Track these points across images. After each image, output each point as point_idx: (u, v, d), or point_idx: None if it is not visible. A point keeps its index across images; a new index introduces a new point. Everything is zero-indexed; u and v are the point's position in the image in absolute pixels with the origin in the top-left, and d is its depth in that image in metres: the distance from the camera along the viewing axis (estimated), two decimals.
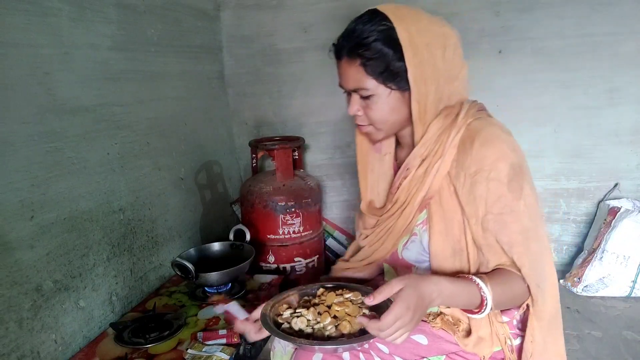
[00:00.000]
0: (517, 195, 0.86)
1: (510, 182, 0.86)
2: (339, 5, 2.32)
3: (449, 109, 0.93)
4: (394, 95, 0.91)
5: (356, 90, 0.92)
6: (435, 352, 0.97)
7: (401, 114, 0.93)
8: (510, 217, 0.86)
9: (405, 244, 0.99)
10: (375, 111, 0.92)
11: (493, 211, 0.86)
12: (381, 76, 0.88)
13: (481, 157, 0.86)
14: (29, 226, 1.26)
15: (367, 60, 0.87)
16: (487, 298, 0.82)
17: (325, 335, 0.90)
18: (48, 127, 1.33)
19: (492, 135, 0.88)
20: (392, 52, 0.87)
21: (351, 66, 0.90)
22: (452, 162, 0.90)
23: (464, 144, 0.89)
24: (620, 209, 2.11)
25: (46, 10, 1.32)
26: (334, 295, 1.00)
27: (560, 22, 2.12)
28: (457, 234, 0.91)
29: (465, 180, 0.88)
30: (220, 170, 2.44)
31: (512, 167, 0.86)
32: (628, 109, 2.16)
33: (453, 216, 0.91)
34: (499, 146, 0.87)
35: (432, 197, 0.94)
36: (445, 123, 0.91)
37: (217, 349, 1.33)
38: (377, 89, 0.90)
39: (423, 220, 0.96)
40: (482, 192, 0.86)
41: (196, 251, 1.80)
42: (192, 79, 2.22)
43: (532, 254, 0.87)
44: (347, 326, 0.90)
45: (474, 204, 0.87)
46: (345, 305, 0.96)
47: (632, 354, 1.69)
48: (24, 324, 1.24)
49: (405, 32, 0.86)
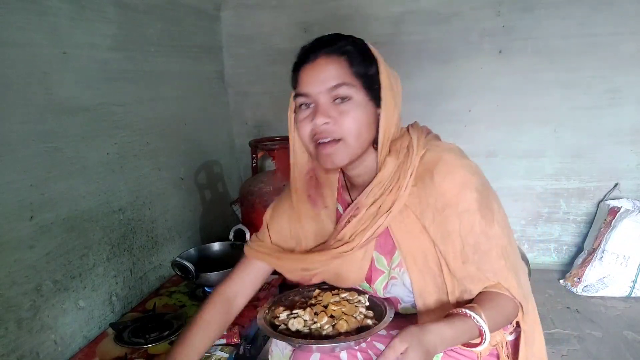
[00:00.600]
0: (490, 219, 0.85)
1: (481, 208, 0.84)
2: (339, 5, 2.31)
3: (397, 143, 0.89)
4: (369, 107, 0.86)
5: (334, 89, 0.84)
6: None
7: (370, 133, 0.87)
8: (488, 245, 0.84)
9: (385, 287, 0.98)
10: (352, 118, 0.83)
11: (469, 243, 0.84)
12: (363, 79, 0.84)
13: (444, 191, 0.84)
14: (28, 226, 1.26)
15: (354, 60, 0.84)
16: (485, 331, 0.79)
17: (323, 335, 0.90)
18: (47, 127, 1.33)
19: (449, 164, 0.85)
20: (370, 65, 0.86)
21: (333, 62, 0.84)
22: (414, 200, 0.87)
23: (422, 180, 0.86)
24: (620, 209, 2.11)
25: (45, 10, 1.32)
26: (330, 295, 1.00)
27: (561, 22, 2.12)
28: (434, 269, 0.89)
29: (434, 216, 0.85)
30: (220, 170, 2.44)
31: (478, 192, 0.84)
32: (628, 109, 2.16)
33: (427, 252, 0.89)
34: (460, 174, 0.84)
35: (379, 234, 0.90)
36: (399, 160, 0.88)
37: (217, 349, 1.33)
38: (358, 93, 0.84)
39: (398, 262, 0.93)
40: (455, 226, 0.84)
41: (196, 251, 1.80)
42: (192, 79, 2.21)
43: (515, 270, 0.86)
44: (344, 325, 0.90)
45: (449, 240, 0.85)
46: (341, 304, 0.96)
47: (633, 353, 1.69)
48: (23, 324, 1.24)
49: (377, 53, 0.87)
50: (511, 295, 0.85)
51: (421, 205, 0.86)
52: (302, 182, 1.02)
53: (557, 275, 2.28)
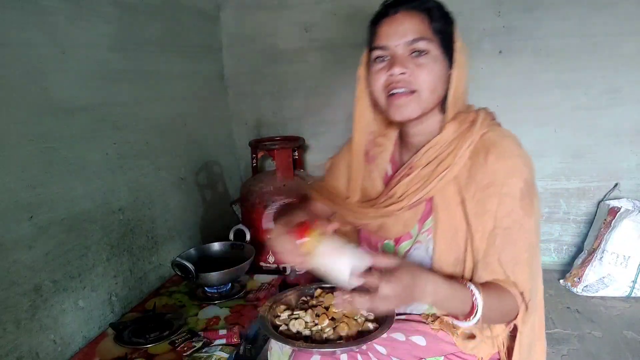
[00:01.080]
0: (529, 212, 0.85)
1: (523, 199, 0.85)
2: (339, 5, 2.31)
3: (463, 115, 0.91)
4: (444, 64, 0.89)
5: (413, 42, 0.85)
6: (434, 353, 0.97)
7: (442, 90, 0.90)
8: (519, 234, 0.85)
9: (408, 250, 0.98)
10: (428, 71, 0.86)
11: (502, 225, 0.85)
12: (442, 35, 0.87)
13: (494, 171, 0.85)
14: (27, 226, 1.26)
15: (435, 18, 0.87)
16: (478, 307, 0.80)
17: (323, 338, 0.90)
18: (45, 127, 1.33)
19: (507, 149, 0.87)
20: (450, 26, 0.89)
21: (413, 16, 0.86)
22: (464, 172, 0.89)
23: (477, 155, 0.87)
24: (620, 209, 2.11)
25: (43, 9, 1.32)
26: (332, 297, 1.00)
27: (562, 23, 2.12)
28: (461, 244, 0.90)
29: (475, 192, 0.86)
30: (220, 170, 2.44)
31: (525, 183, 0.85)
32: (628, 109, 2.16)
33: (459, 226, 0.90)
34: (514, 161, 0.85)
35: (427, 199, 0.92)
36: (461, 129, 0.89)
37: (217, 349, 1.33)
38: (435, 48, 0.87)
39: (428, 228, 0.94)
40: (492, 206, 0.85)
41: (196, 251, 1.80)
42: (192, 79, 2.21)
43: (532, 269, 0.87)
44: (345, 328, 0.90)
45: (482, 218, 0.86)
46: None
47: (633, 353, 1.68)
48: (22, 325, 1.24)
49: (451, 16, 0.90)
50: (517, 290, 0.85)
51: (468, 179, 0.88)
52: (363, 139, 1.05)
53: (557, 275, 2.28)
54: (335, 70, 2.40)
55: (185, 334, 1.41)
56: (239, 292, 1.71)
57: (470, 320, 0.81)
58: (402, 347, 0.95)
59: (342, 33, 2.34)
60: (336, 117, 2.47)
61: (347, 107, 2.74)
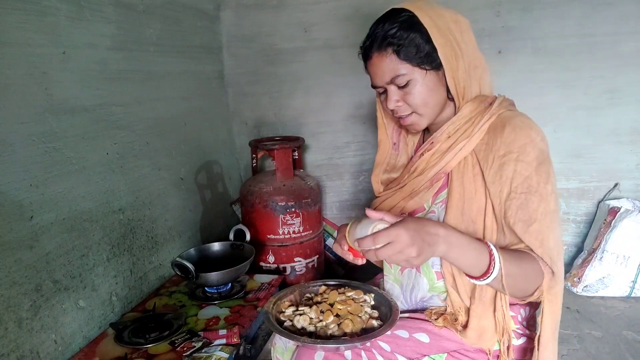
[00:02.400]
0: (545, 179, 0.89)
1: (539, 166, 0.89)
2: (339, 5, 2.31)
3: (482, 97, 0.97)
4: (429, 75, 0.94)
5: (393, 81, 0.95)
6: (437, 350, 0.97)
7: (439, 94, 0.96)
8: (535, 197, 0.88)
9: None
10: (415, 95, 0.94)
11: (517, 190, 0.88)
12: (414, 59, 0.92)
13: (511, 141, 0.89)
14: (28, 226, 1.26)
15: (397, 47, 0.91)
16: (495, 262, 0.80)
17: (328, 334, 0.90)
18: (46, 127, 1.33)
19: (523, 122, 0.91)
20: (418, 35, 0.91)
21: (383, 58, 0.94)
22: (482, 146, 0.93)
23: (494, 129, 0.92)
24: (620, 209, 2.11)
25: (44, 9, 1.32)
26: (337, 294, 1.00)
27: (561, 22, 2.12)
28: (473, 215, 0.93)
29: (493, 162, 0.91)
30: (220, 170, 2.44)
31: (541, 153, 0.90)
32: (628, 109, 2.16)
33: (472, 197, 0.94)
34: (529, 132, 0.90)
35: (446, 172, 0.98)
36: (480, 108, 0.95)
37: (217, 349, 1.33)
38: (413, 73, 0.93)
39: (442, 199, 0.98)
40: (509, 172, 0.89)
41: (196, 251, 1.80)
42: (192, 79, 2.21)
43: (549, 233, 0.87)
44: (350, 325, 0.90)
45: (499, 184, 0.90)
46: (347, 303, 0.96)
47: (633, 353, 1.69)
48: (23, 324, 1.24)
49: (426, 17, 0.92)
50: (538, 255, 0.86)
51: (486, 151, 0.93)
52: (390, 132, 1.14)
53: None
54: (335, 70, 2.40)
55: (185, 334, 1.41)
56: (239, 292, 1.71)
57: (488, 277, 0.81)
58: (406, 344, 0.96)
59: (341, 33, 2.34)
60: (336, 117, 2.47)
61: (346, 107, 2.75)
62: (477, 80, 0.98)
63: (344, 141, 2.52)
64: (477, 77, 0.97)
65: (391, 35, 0.91)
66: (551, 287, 0.88)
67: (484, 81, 0.99)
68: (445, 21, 0.94)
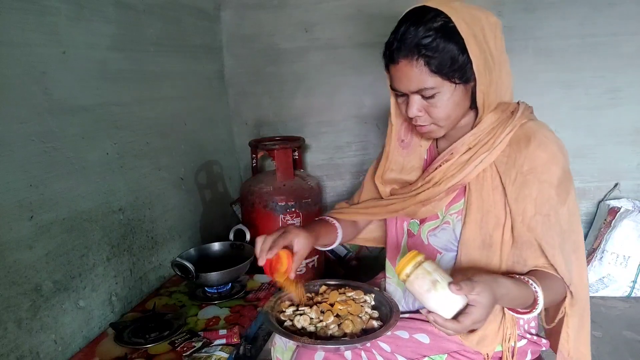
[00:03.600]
0: (563, 200, 0.89)
1: (559, 186, 0.88)
2: (340, 5, 2.31)
3: (504, 105, 0.93)
4: (458, 89, 0.88)
5: (419, 92, 0.88)
6: (437, 350, 0.97)
7: (464, 107, 0.92)
8: (554, 219, 0.88)
9: (433, 230, 0.99)
10: (440, 109, 0.89)
11: (542, 212, 0.88)
12: (447, 72, 0.85)
13: (535, 157, 0.88)
14: (27, 226, 1.26)
15: (431, 58, 0.84)
16: (539, 302, 0.84)
17: (328, 334, 0.90)
18: (46, 127, 1.32)
19: (547, 138, 0.90)
20: (455, 46, 0.84)
21: (412, 67, 0.85)
22: (503, 158, 0.91)
23: (518, 142, 0.90)
24: (620, 209, 2.11)
25: (44, 9, 1.32)
26: (337, 294, 1.00)
27: (562, 23, 2.12)
28: (490, 228, 0.92)
29: (516, 177, 0.89)
30: (220, 170, 2.44)
31: (563, 171, 0.89)
32: (629, 109, 2.16)
33: (490, 209, 0.92)
34: (553, 149, 0.89)
35: (464, 184, 0.95)
36: (502, 117, 0.92)
37: (217, 349, 1.33)
38: (442, 86, 0.86)
39: (458, 210, 0.96)
40: (532, 192, 0.88)
41: (196, 251, 1.80)
42: (192, 79, 2.21)
43: (566, 254, 0.89)
44: (350, 325, 0.90)
45: (522, 203, 0.89)
46: (347, 304, 0.96)
47: (633, 353, 1.69)
48: (22, 324, 1.24)
49: (463, 24, 0.84)
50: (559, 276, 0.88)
51: (508, 165, 0.90)
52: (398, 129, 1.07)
53: None
54: (335, 70, 2.40)
55: (185, 334, 1.41)
56: (238, 292, 1.71)
57: (532, 313, 0.85)
58: (406, 344, 0.96)
59: (343, 33, 2.34)
60: (336, 117, 2.47)
61: (347, 107, 2.74)
62: (504, 89, 0.93)
63: (345, 141, 2.51)
64: (504, 86, 0.93)
65: (425, 44, 0.83)
66: (572, 305, 0.92)
67: (507, 88, 0.95)
68: (480, 26, 0.86)
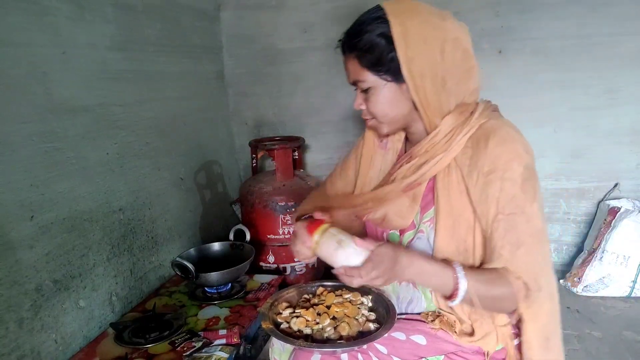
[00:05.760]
0: (531, 198, 0.86)
1: (524, 183, 0.86)
2: (339, 5, 2.32)
3: (463, 107, 0.92)
4: (390, 87, 0.91)
5: (355, 83, 0.94)
6: (434, 352, 0.97)
7: (401, 107, 0.93)
8: (522, 218, 0.85)
9: (411, 240, 0.99)
10: (373, 104, 0.93)
11: (505, 212, 0.86)
12: (375, 67, 0.89)
13: (495, 157, 0.86)
14: (28, 226, 1.26)
15: (360, 52, 0.89)
16: (460, 288, 0.83)
17: (324, 337, 0.90)
18: (47, 127, 1.33)
19: (507, 135, 0.88)
20: (384, 43, 0.87)
21: (349, 59, 0.93)
22: (465, 161, 0.90)
23: (478, 142, 0.89)
24: (620, 209, 2.11)
25: (44, 10, 1.32)
26: (334, 296, 1.00)
27: (560, 23, 2.12)
28: (463, 234, 0.91)
29: (478, 179, 0.88)
30: (220, 170, 2.44)
31: (526, 168, 0.86)
32: (628, 109, 2.16)
33: (461, 214, 0.91)
34: (514, 146, 0.87)
35: (420, 183, 0.95)
36: (459, 120, 0.91)
37: (217, 349, 1.33)
38: (373, 81, 0.91)
39: (430, 218, 0.95)
40: (495, 191, 0.86)
41: (196, 251, 1.80)
42: (192, 79, 2.21)
43: (537, 254, 0.87)
44: (346, 328, 0.90)
45: (485, 204, 0.87)
46: (344, 306, 0.96)
47: (633, 353, 1.69)
48: (24, 324, 1.24)
49: (399, 26, 0.86)
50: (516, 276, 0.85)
51: (470, 167, 0.89)
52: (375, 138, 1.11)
53: (557, 275, 2.26)
54: (335, 70, 2.40)
55: (185, 334, 1.42)
56: (238, 292, 1.72)
57: (455, 300, 0.84)
58: (403, 346, 0.96)
59: (340, 33, 2.33)
60: (336, 117, 2.47)
61: (346, 107, 2.75)
62: (460, 91, 0.92)
63: (345, 141, 2.52)
64: (460, 90, 0.91)
65: (357, 37, 0.89)
66: (528, 307, 0.89)
67: (468, 89, 0.93)
68: (424, 31, 0.86)
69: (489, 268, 0.87)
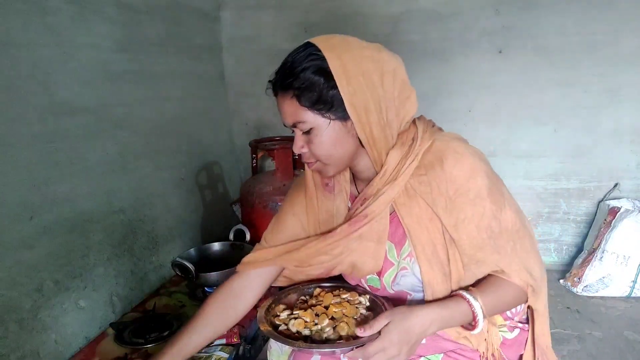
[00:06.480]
0: (501, 204, 0.88)
1: (491, 194, 0.86)
2: (339, 5, 2.32)
3: (404, 135, 0.90)
4: (334, 125, 0.85)
5: (296, 125, 0.87)
6: (433, 350, 0.97)
7: (346, 145, 0.88)
8: (498, 228, 0.87)
9: (394, 279, 0.98)
10: (317, 145, 0.87)
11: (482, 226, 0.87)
12: (316, 106, 0.84)
13: (455, 178, 0.86)
14: (29, 226, 1.26)
15: (298, 90, 0.83)
16: (478, 315, 0.84)
17: (323, 337, 0.90)
18: (48, 127, 1.33)
19: (458, 152, 0.87)
20: (323, 80, 0.82)
21: (285, 99, 0.86)
22: (425, 188, 0.88)
23: (432, 167, 0.88)
24: (620, 209, 2.11)
25: (46, 10, 1.32)
26: (331, 296, 1.00)
27: (561, 21, 2.12)
28: (442, 258, 0.91)
29: (447, 204, 0.87)
30: (220, 171, 2.44)
31: (488, 178, 0.87)
32: (628, 109, 2.16)
33: (435, 242, 0.90)
34: (469, 161, 0.87)
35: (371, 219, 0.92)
36: (403, 151, 0.89)
37: (217, 349, 1.34)
38: (315, 121, 0.85)
39: (409, 253, 0.94)
40: (467, 214, 0.86)
41: (196, 251, 1.80)
42: (193, 79, 2.22)
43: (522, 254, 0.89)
44: (345, 328, 0.90)
45: (462, 227, 0.87)
46: (342, 306, 0.96)
47: (633, 354, 1.69)
48: (24, 324, 1.24)
49: (336, 60, 0.82)
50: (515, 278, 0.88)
51: (433, 194, 0.88)
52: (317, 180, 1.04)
53: (557, 276, 2.28)
54: None
55: None
56: None
57: (477, 327, 0.85)
58: None
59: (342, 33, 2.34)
60: None
61: None
62: (402, 122, 0.89)
63: None
64: (400, 120, 0.89)
65: (294, 75, 0.83)
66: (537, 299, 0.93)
67: (407, 118, 0.90)
68: (361, 65, 0.82)
69: (489, 276, 0.89)
